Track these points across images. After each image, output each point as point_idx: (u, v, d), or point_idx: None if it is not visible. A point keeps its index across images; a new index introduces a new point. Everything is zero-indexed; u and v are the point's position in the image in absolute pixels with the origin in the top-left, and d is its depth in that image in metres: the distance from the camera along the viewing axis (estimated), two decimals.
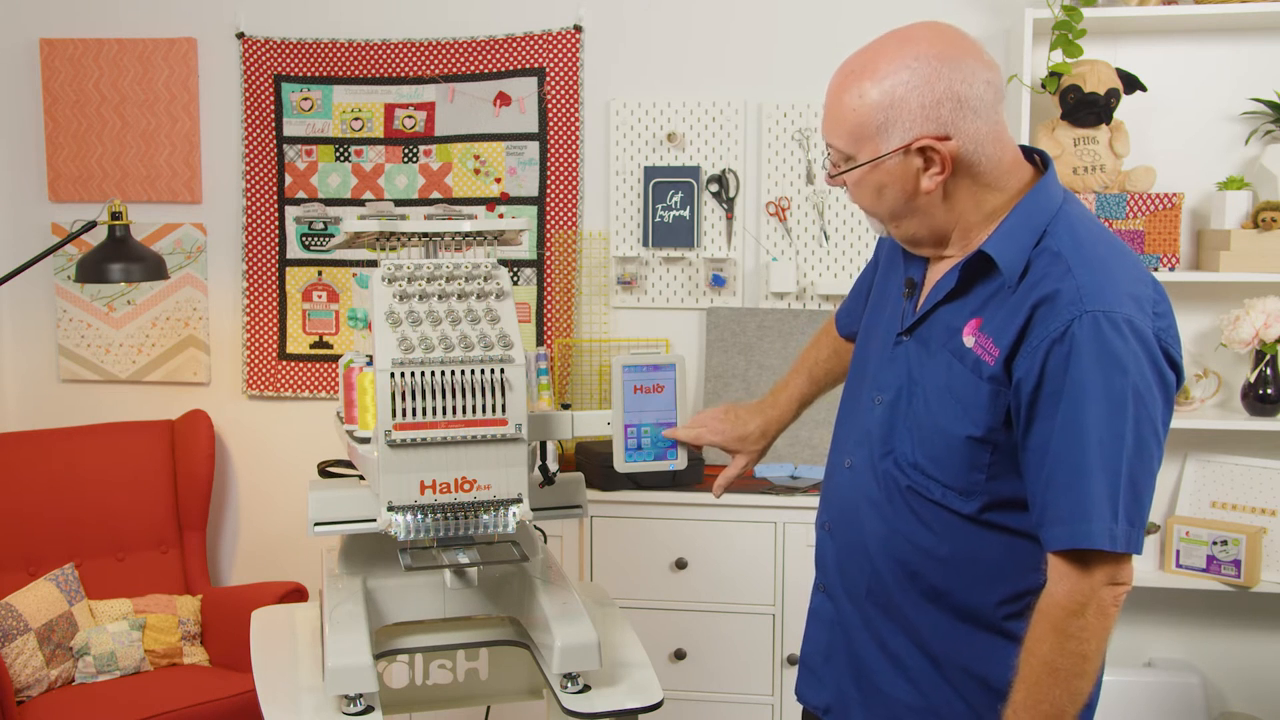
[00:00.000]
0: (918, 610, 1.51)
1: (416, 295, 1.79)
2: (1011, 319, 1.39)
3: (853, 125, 1.45)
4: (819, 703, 1.68)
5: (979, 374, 1.41)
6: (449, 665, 2.19)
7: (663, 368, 1.91)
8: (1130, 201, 2.90)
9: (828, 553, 1.64)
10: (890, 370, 1.55)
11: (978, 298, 1.45)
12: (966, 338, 1.44)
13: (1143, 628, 3.16)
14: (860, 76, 1.45)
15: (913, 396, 1.50)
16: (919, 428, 1.48)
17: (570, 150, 3.35)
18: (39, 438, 3.29)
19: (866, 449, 1.56)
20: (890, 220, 1.50)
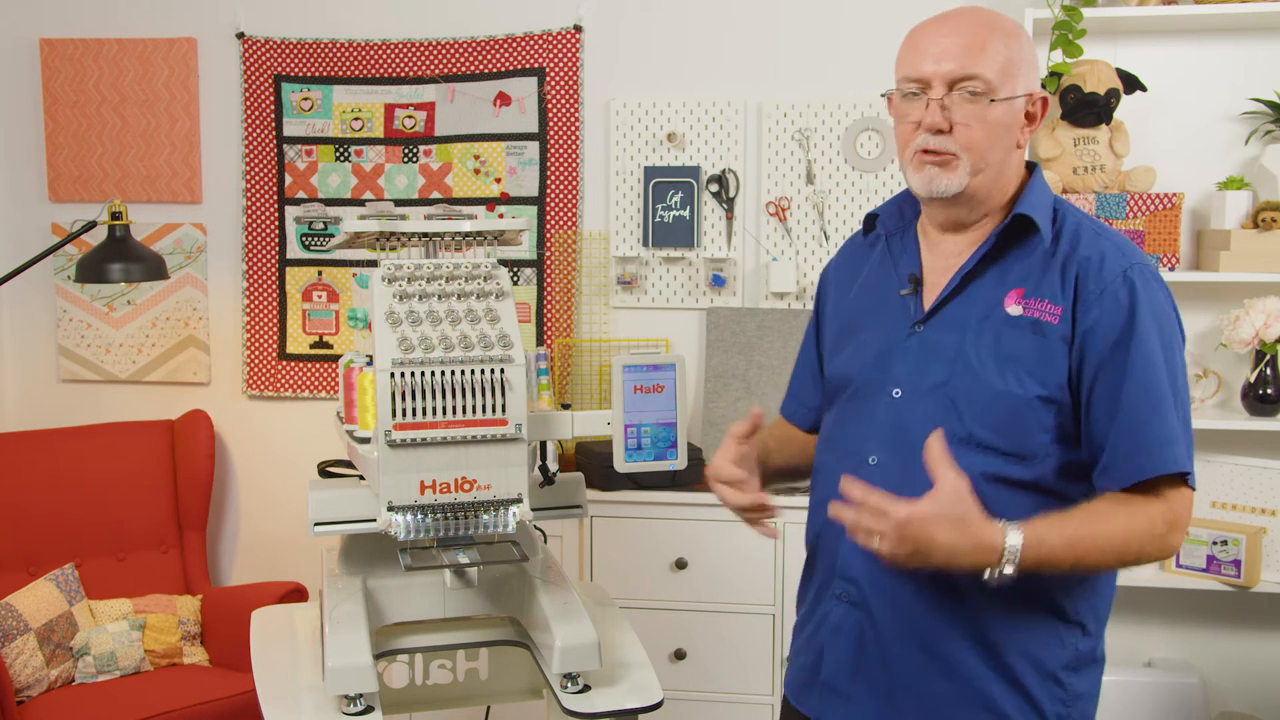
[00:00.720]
0: (978, 600, 1.48)
1: (416, 295, 1.79)
2: (1061, 281, 1.49)
3: (1004, 61, 1.50)
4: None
5: (1043, 335, 1.47)
6: (449, 665, 2.19)
7: (663, 368, 1.91)
8: (1130, 201, 2.90)
9: (858, 560, 1.54)
10: (908, 362, 1.55)
11: (1012, 268, 1.52)
12: (1011, 307, 1.50)
13: (1143, 628, 3.16)
14: (995, 21, 1.52)
15: (954, 376, 1.50)
16: (976, 402, 1.48)
17: (570, 150, 3.35)
18: (39, 438, 3.29)
19: (895, 442, 1.53)
20: (982, 166, 1.51)
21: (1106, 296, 1.46)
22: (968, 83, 1.49)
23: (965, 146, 1.50)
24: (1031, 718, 1.51)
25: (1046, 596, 1.50)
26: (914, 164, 1.53)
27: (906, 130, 1.54)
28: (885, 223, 1.68)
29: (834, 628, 1.59)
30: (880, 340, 1.59)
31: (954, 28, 1.51)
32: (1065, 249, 1.50)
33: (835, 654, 1.59)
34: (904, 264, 1.61)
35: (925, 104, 1.50)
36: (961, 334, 1.52)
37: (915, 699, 1.53)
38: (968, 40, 1.49)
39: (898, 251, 1.63)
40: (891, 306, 1.60)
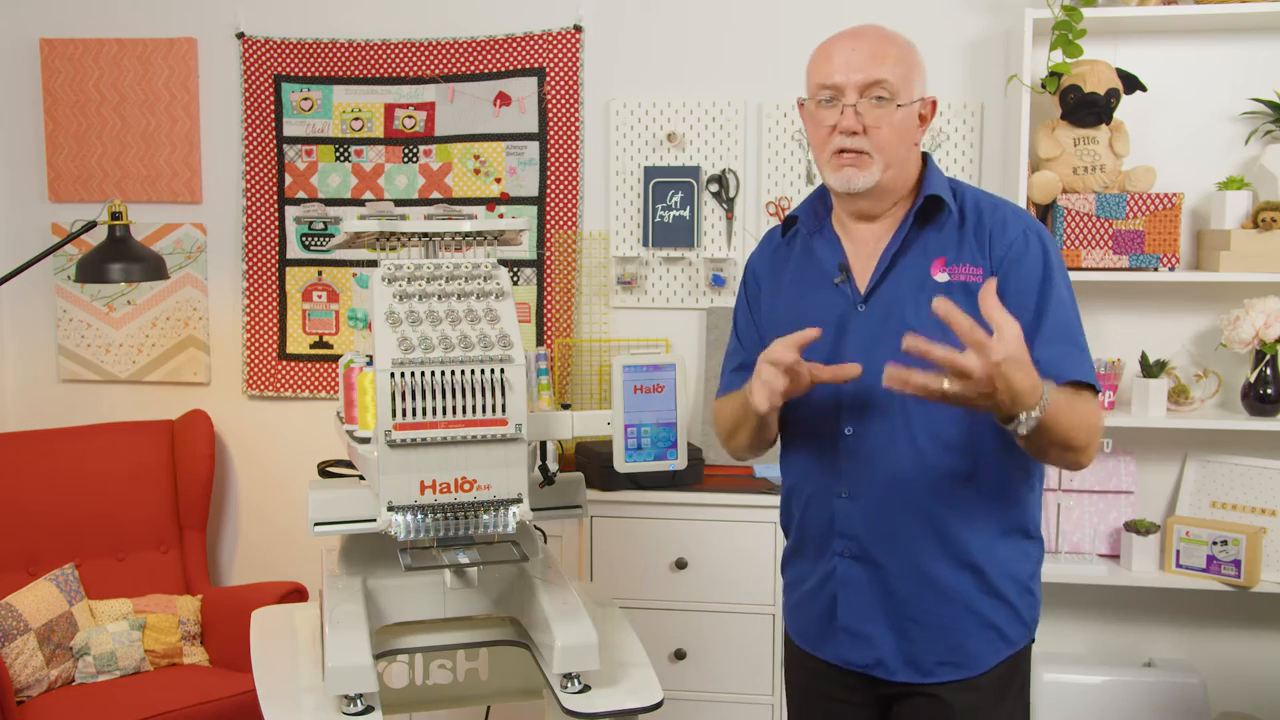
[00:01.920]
0: (962, 531, 1.72)
1: (416, 295, 1.79)
2: (977, 245, 1.71)
3: (907, 66, 1.72)
4: (866, 660, 1.78)
5: (972, 295, 1.61)
6: (449, 665, 2.19)
7: (663, 368, 1.91)
8: (1130, 201, 2.89)
9: (853, 517, 1.75)
10: (859, 338, 1.73)
11: (931, 242, 1.73)
12: (939, 275, 1.72)
13: (1143, 628, 3.16)
14: (892, 36, 1.74)
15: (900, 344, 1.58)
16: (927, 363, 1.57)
17: (570, 150, 3.35)
18: (39, 438, 3.29)
19: (863, 412, 1.72)
20: (889, 163, 1.71)
21: (1014, 251, 1.70)
22: (875, 87, 1.69)
23: (877, 146, 1.70)
24: (1016, 624, 1.77)
25: (1015, 518, 1.76)
26: (831, 164, 1.73)
27: (822, 134, 1.73)
28: (805, 223, 1.85)
29: (843, 580, 1.78)
30: (827, 325, 1.73)
31: (859, 40, 1.73)
32: (972, 219, 1.74)
33: (850, 602, 1.78)
34: (830, 255, 1.80)
35: (840, 110, 1.71)
36: (901, 305, 1.71)
37: (924, 628, 1.75)
38: (873, 51, 1.71)
39: (820, 246, 1.81)
40: (826, 294, 1.77)
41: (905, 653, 1.76)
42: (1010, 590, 1.75)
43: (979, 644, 1.75)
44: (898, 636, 1.76)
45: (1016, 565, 1.77)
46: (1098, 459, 3.03)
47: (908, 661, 1.76)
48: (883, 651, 1.77)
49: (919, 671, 1.76)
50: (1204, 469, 3.06)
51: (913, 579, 1.74)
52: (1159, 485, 3.11)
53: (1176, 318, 3.09)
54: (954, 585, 1.73)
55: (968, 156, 3.17)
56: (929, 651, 1.75)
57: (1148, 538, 2.95)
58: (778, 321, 1.82)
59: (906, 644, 1.76)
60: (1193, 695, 2.95)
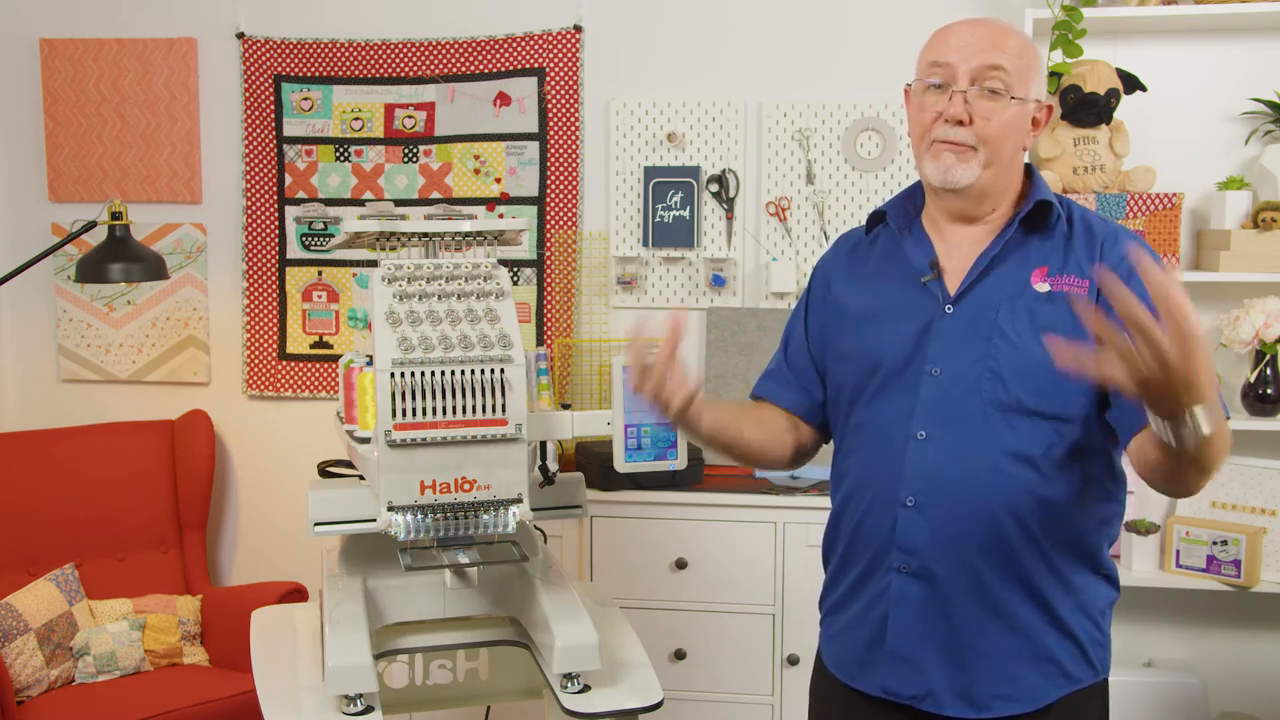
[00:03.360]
0: (1034, 558, 1.58)
1: (416, 295, 1.79)
2: (1084, 257, 1.59)
3: (1027, 61, 1.60)
4: (916, 691, 1.63)
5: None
6: (449, 665, 2.19)
7: None
8: (1130, 201, 2.89)
9: (917, 528, 1.60)
10: (943, 340, 1.61)
11: (1034, 250, 1.62)
12: (1039, 285, 1.59)
13: (1143, 628, 3.16)
14: (1014, 29, 1.62)
15: (994, 350, 1.58)
16: (1021, 372, 1.56)
17: (570, 150, 3.35)
18: (39, 438, 3.29)
19: (944, 418, 1.59)
20: (992, 160, 1.59)
21: (1125, 267, 1.54)
22: (990, 75, 1.56)
23: (982, 139, 1.57)
24: (1081, 664, 1.63)
25: (1083, 548, 1.62)
26: (931, 152, 1.60)
27: (925, 120, 1.60)
28: (894, 218, 1.73)
29: (897, 599, 1.63)
30: (910, 324, 1.64)
31: (980, 25, 1.61)
32: (1080, 231, 1.62)
33: (901, 624, 1.63)
34: (920, 253, 1.67)
35: (949, 96, 1.57)
36: (995, 310, 1.59)
37: (982, 658, 1.60)
38: (993, 36, 1.58)
39: (910, 242, 1.69)
40: (913, 293, 1.65)
41: (959, 684, 1.61)
42: (1078, 626, 1.61)
43: (1038, 677, 1.61)
44: (953, 665, 1.61)
45: (1088, 601, 1.63)
46: None
47: (960, 694, 1.61)
48: (934, 682, 1.61)
49: (972, 706, 1.61)
50: None
51: (975, 602, 1.59)
52: None
53: None
54: (1019, 613, 1.59)
55: None
56: (986, 684, 1.60)
57: (1148, 538, 2.95)
58: (848, 317, 1.73)
59: (962, 675, 1.61)
60: (1193, 695, 2.95)
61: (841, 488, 1.73)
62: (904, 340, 1.63)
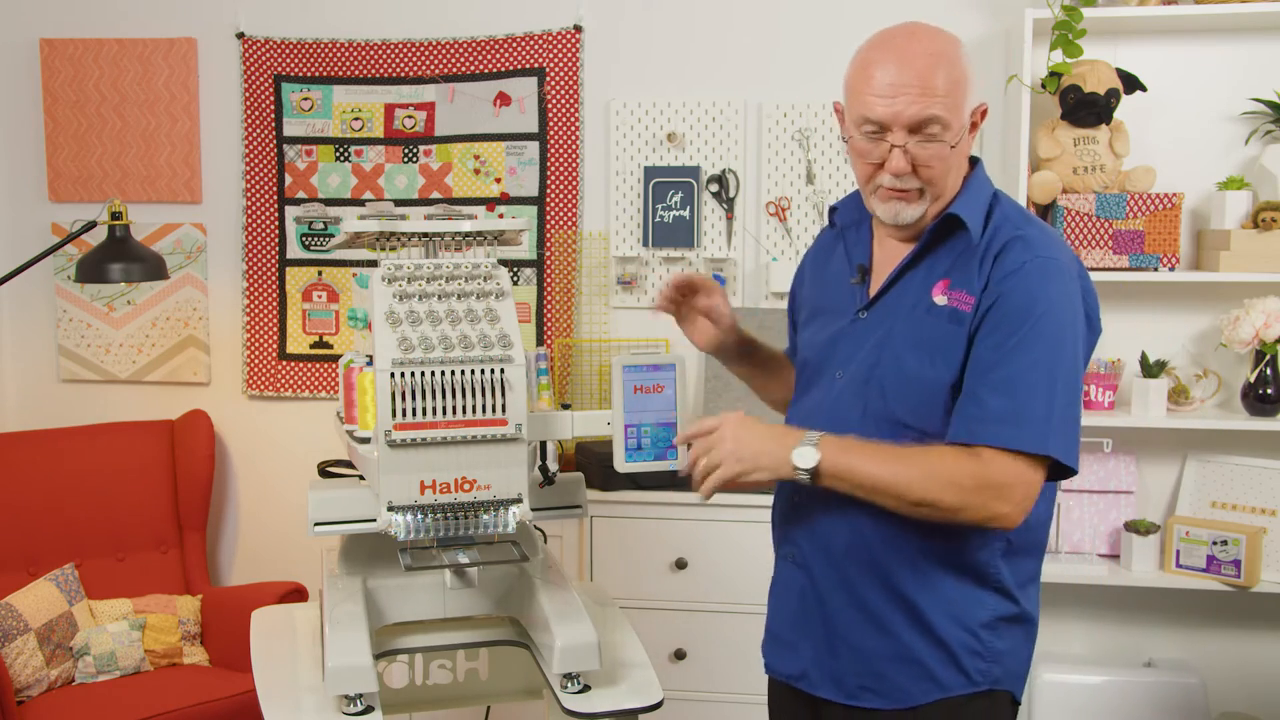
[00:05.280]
0: (900, 564, 1.62)
1: (416, 295, 1.79)
2: (978, 270, 1.57)
3: (958, 91, 1.56)
4: (792, 670, 1.75)
5: (957, 323, 1.57)
6: (449, 665, 2.19)
7: (663, 368, 1.91)
8: (1130, 201, 2.89)
9: (800, 525, 1.71)
10: (849, 345, 1.68)
11: (942, 261, 1.62)
12: (938, 297, 1.60)
13: (1143, 628, 3.16)
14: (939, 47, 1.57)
15: (880, 360, 1.62)
16: (896, 383, 1.60)
17: (570, 150, 3.35)
18: (39, 438, 3.29)
19: (834, 421, 1.63)
20: (939, 195, 1.61)
21: (1005, 284, 1.54)
22: (926, 125, 1.54)
23: (927, 181, 1.59)
24: (952, 671, 1.62)
25: (960, 559, 1.61)
26: (879, 196, 1.62)
27: (868, 167, 1.61)
28: (843, 216, 1.78)
29: (782, 584, 1.77)
30: (833, 325, 1.72)
31: (905, 65, 1.55)
32: (987, 242, 1.59)
33: (781, 608, 1.77)
34: (856, 255, 1.74)
35: (888, 149, 1.56)
36: (892, 322, 1.63)
37: (851, 651, 1.67)
38: (921, 80, 1.54)
39: (852, 244, 1.76)
40: (844, 295, 1.73)
41: (830, 669, 1.69)
42: (950, 634, 1.61)
43: (904, 678, 1.64)
44: (824, 652, 1.69)
45: (964, 611, 1.62)
46: (1098, 459, 3.03)
47: (831, 679, 1.69)
48: (807, 664, 1.72)
49: (842, 691, 1.68)
50: (1204, 469, 3.06)
51: (845, 600, 1.66)
52: (1159, 485, 3.11)
53: (1176, 318, 3.09)
54: (886, 615, 1.63)
55: None
56: (853, 675, 1.67)
57: (1148, 538, 2.95)
58: (803, 311, 1.84)
59: (832, 661, 1.68)
60: (1193, 695, 2.95)
61: None
62: (825, 342, 1.71)
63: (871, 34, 1.64)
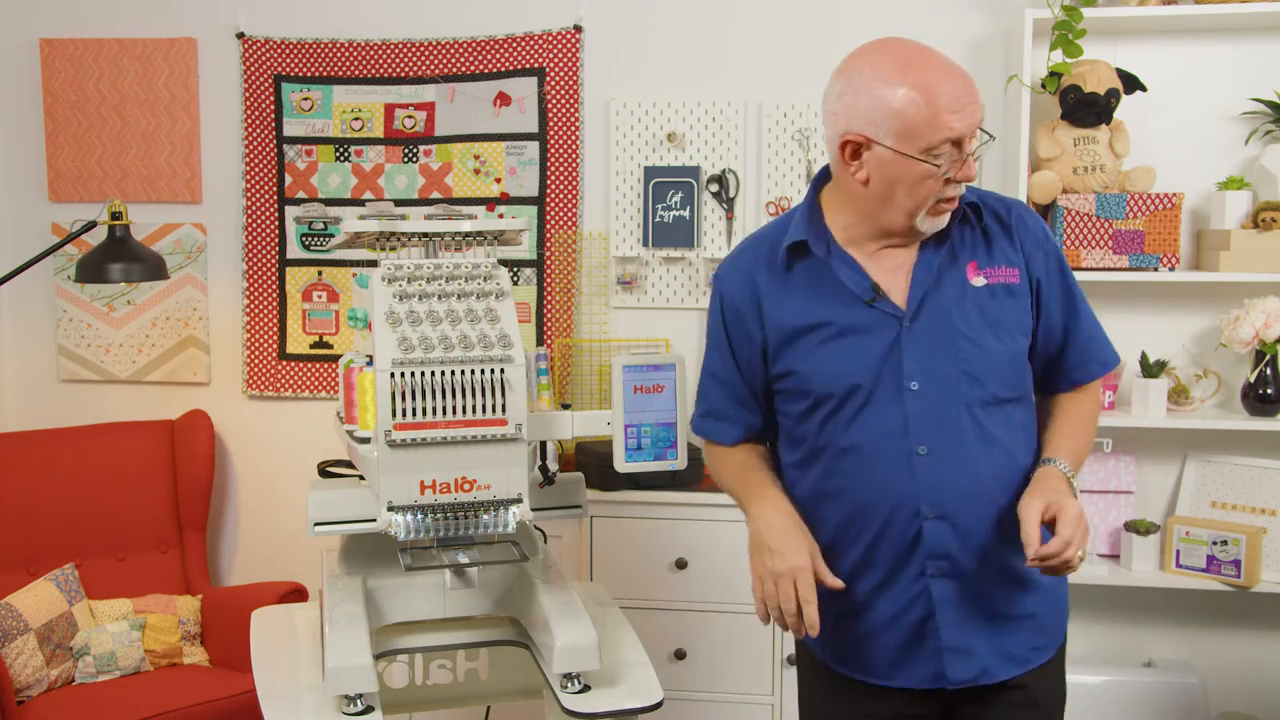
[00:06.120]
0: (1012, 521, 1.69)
1: (416, 295, 1.79)
2: (1001, 243, 1.73)
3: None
4: (972, 673, 1.74)
5: (1014, 295, 1.71)
6: (449, 665, 2.19)
7: (663, 368, 1.92)
8: (1130, 201, 2.89)
9: (946, 538, 1.69)
10: (913, 354, 1.68)
11: (957, 247, 1.72)
12: (975, 279, 1.71)
13: (1143, 628, 3.16)
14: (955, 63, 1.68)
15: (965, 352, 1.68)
16: (989, 366, 1.69)
17: (570, 150, 3.35)
18: (39, 438, 3.29)
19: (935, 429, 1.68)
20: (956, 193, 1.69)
21: (1037, 245, 1.74)
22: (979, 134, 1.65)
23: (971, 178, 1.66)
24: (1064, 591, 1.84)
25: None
26: (934, 210, 1.66)
27: (934, 185, 1.62)
28: (817, 246, 1.74)
29: (940, 600, 1.72)
30: (874, 344, 1.69)
31: (949, 72, 1.61)
32: (989, 218, 1.74)
33: (951, 622, 1.72)
34: (855, 277, 1.72)
35: (963, 159, 1.61)
36: (950, 317, 1.69)
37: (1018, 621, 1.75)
38: (969, 83, 1.62)
39: (840, 268, 1.72)
40: (862, 313, 1.71)
41: (1004, 650, 1.74)
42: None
43: (1054, 618, 1.79)
44: (997, 638, 1.74)
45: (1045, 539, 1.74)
46: (1098, 459, 3.04)
47: (1009, 658, 1.75)
48: (986, 659, 1.74)
49: (1015, 663, 1.75)
50: (1204, 469, 3.06)
51: (1004, 580, 1.72)
52: (1159, 485, 3.11)
53: (1176, 318, 3.08)
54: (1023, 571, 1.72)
55: None
56: (1022, 641, 1.75)
57: (1148, 538, 2.95)
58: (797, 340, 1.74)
59: (1005, 641, 1.74)
60: (1193, 695, 2.95)
61: (833, 506, 1.75)
62: (873, 359, 1.69)
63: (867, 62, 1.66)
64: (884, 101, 1.60)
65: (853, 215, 1.73)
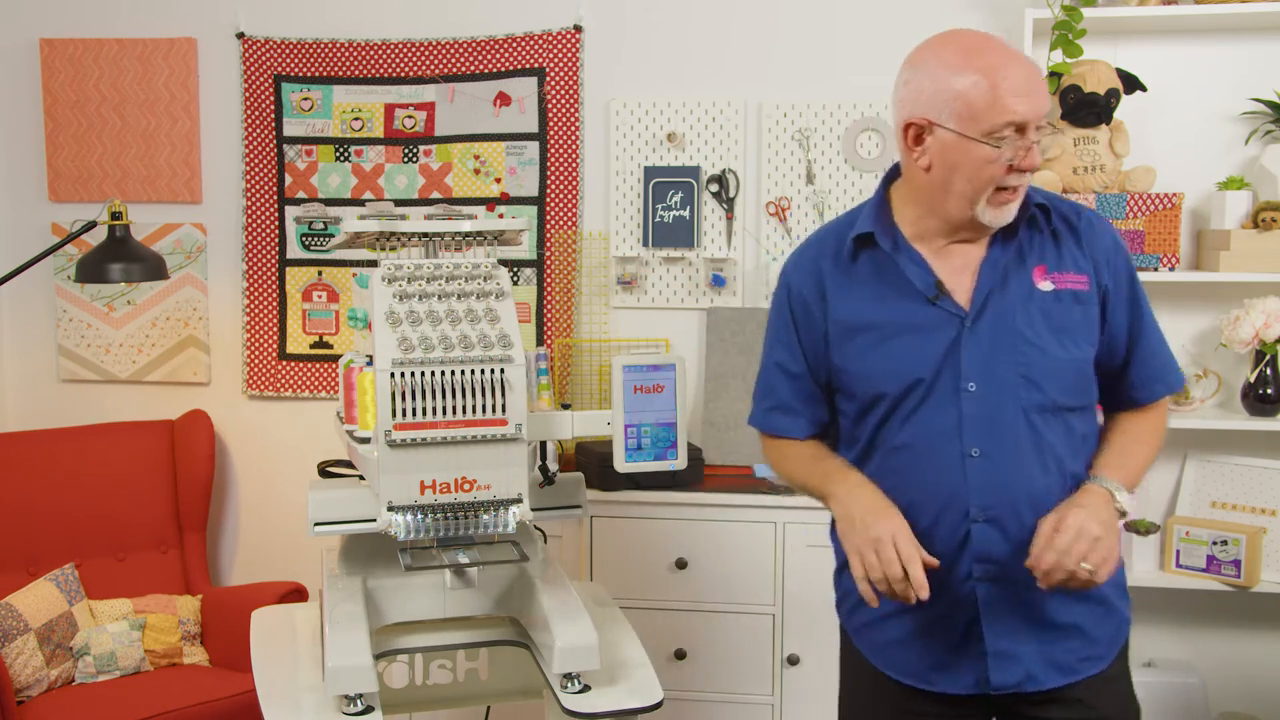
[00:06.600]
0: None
1: (416, 295, 1.79)
2: (1070, 247, 1.70)
3: None
4: (1017, 678, 1.71)
5: (1082, 303, 1.69)
6: (449, 665, 2.19)
7: (663, 368, 1.92)
8: (1130, 201, 2.89)
9: (994, 541, 1.67)
10: (973, 354, 1.67)
11: (1025, 250, 1.70)
12: (1042, 283, 1.69)
13: (1143, 628, 3.16)
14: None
15: (1028, 356, 1.66)
16: (1051, 372, 1.66)
17: (570, 150, 3.35)
18: (39, 438, 3.29)
19: (990, 431, 1.66)
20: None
21: (1110, 255, 1.71)
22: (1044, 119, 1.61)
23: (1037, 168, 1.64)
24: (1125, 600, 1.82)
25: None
26: (992, 200, 1.63)
27: (991, 169, 1.60)
28: (884, 240, 1.73)
29: (986, 604, 1.69)
30: (934, 342, 1.68)
31: (1016, 59, 1.61)
32: (1059, 223, 1.72)
33: (998, 625, 1.70)
34: (920, 273, 1.70)
35: (1028, 147, 1.59)
36: (1013, 319, 1.66)
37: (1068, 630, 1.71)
38: (1036, 71, 1.61)
39: (907, 263, 1.71)
40: (924, 310, 1.69)
41: (1050, 657, 1.71)
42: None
43: (1110, 629, 1.76)
44: (1046, 645, 1.71)
45: None
46: None
47: (1055, 666, 1.71)
48: (1031, 665, 1.71)
49: (1062, 673, 1.72)
50: (1204, 469, 3.06)
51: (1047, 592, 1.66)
52: (1159, 485, 3.11)
53: (1176, 318, 3.08)
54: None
55: None
56: (1071, 650, 1.72)
57: (1148, 538, 2.95)
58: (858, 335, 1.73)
59: (1053, 649, 1.71)
60: (1193, 695, 2.95)
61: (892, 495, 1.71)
62: (933, 358, 1.67)
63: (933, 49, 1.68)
64: (948, 84, 1.61)
65: (918, 208, 1.71)
